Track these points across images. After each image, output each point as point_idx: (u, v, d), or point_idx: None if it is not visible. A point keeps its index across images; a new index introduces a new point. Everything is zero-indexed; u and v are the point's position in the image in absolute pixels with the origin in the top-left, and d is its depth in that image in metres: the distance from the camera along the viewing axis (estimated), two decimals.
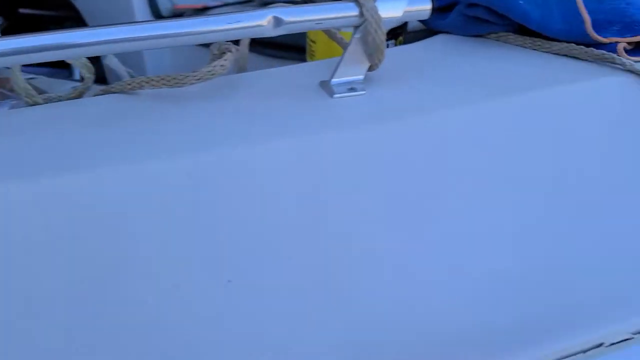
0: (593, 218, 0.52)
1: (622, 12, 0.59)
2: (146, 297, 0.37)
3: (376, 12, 0.49)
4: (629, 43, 0.58)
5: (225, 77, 0.54)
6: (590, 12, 0.60)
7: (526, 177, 0.50)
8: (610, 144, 0.54)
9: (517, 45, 0.63)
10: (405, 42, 0.72)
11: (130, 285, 0.37)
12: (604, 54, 0.56)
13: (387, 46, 0.71)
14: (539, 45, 0.61)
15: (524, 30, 0.63)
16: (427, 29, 0.71)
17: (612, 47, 0.57)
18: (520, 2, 0.61)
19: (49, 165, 0.39)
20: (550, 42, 0.61)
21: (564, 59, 0.59)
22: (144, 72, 0.95)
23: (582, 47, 0.58)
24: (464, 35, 0.67)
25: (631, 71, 0.54)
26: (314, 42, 0.70)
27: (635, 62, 0.56)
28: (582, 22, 0.58)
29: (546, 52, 0.61)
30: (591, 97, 0.53)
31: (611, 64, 0.56)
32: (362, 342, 0.42)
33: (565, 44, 0.59)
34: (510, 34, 0.64)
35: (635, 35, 0.57)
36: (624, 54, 0.57)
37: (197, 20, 0.45)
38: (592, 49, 0.57)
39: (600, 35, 0.58)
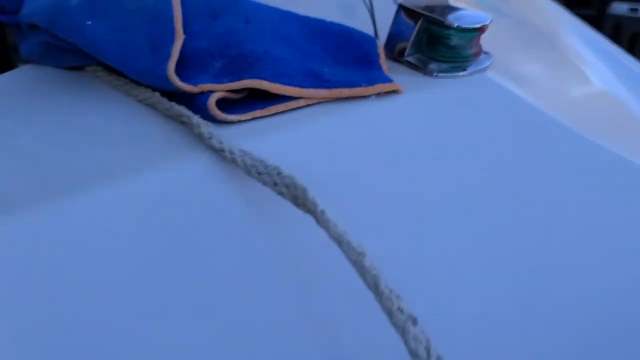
0: None
1: (228, 39, 0.39)
2: None
3: None
4: (235, 91, 0.38)
5: None
6: (191, 38, 0.39)
7: None
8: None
9: (108, 85, 0.42)
10: None
11: None
12: (180, 113, 0.36)
13: None
14: (127, 89, 0.40)
15: None
16: None
17: (205, 99, 0.37)
18: (88, 22, 0.40)
19: None
20: (138, 85, 0.40)
21: (151, 115, 0.39)
22: None
23: (164, 99, 0.38)
24: (54, 66, 0.45)
25: (213, 147, 0.34)
26: None
27: (238, 120, 0.37)
28: (167, 56, 0.37)
29: (137, 99, 0.40)
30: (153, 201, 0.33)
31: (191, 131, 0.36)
32: None
33: (151, 92, 0.39)
34: (100, 68, 0.42)
35: (239, 80, 0.37)
36: (217, 111, 0.37)
37: None
38: (173, 104, 0.37)
39: (187, 80, 0.37)
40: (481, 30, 0.42)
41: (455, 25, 0.41)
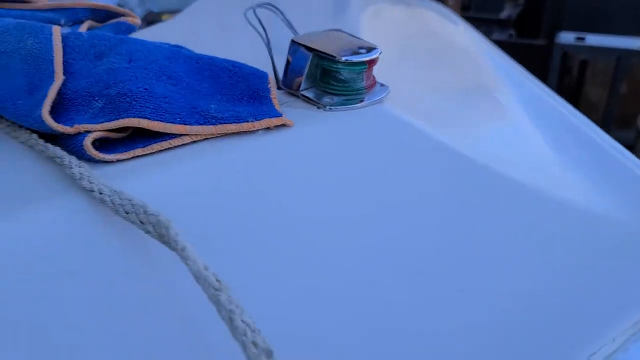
0: None
1: (109, 79, 0.39)
2: None
3: None
4: (117, 130, 0.37)
5: None
6: (73, 79, 0.39)
7: None
8: None
9: None
10: None
11: None
12: (55, 155, 0.35)
13: None
14: (9, 131, 0.39)
15: None
16: None
17: (82, 139, 0.36)
18: None
19: None
20: (19, 127, 0.39)
21: (32, 157, 0.37)
22: None
23: (40, 141, 0.37)
24: None
25: (84, 188, 0.33)
26: None
27: (117, 159, 0.36)
28: (44, 97, 0.36)
29: (19, 142, 0.39)
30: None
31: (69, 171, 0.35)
32: None
33: (29, 134, 0.38)
34: None
35: (117, 119, 0.37)
36: (94, 151, 0.36)
37: None
38: (48, 145, 0.36)
39: (65, 121, 0.37)
40: (371, 63, 0.43)
41: (343, 59, 0.42)
